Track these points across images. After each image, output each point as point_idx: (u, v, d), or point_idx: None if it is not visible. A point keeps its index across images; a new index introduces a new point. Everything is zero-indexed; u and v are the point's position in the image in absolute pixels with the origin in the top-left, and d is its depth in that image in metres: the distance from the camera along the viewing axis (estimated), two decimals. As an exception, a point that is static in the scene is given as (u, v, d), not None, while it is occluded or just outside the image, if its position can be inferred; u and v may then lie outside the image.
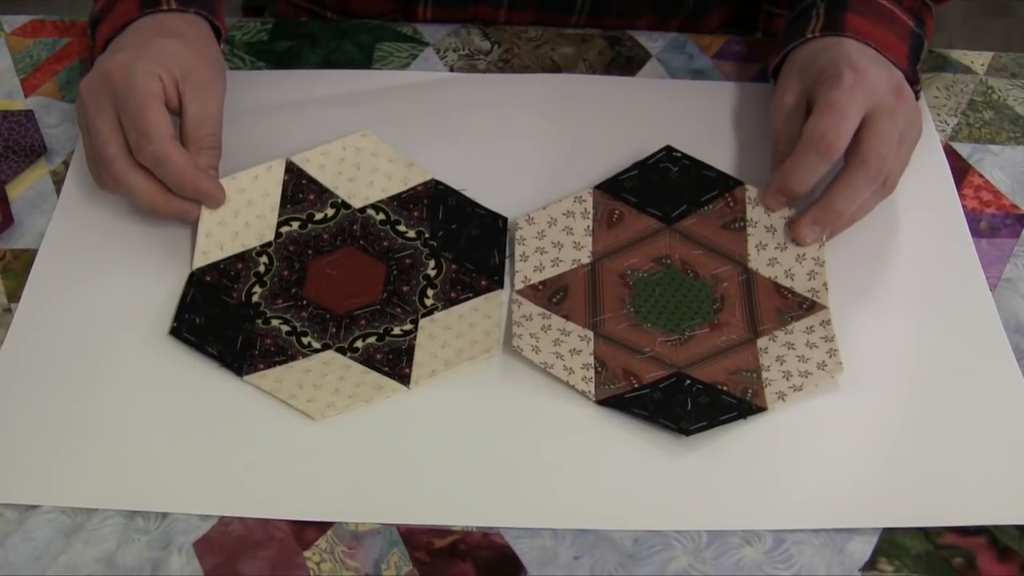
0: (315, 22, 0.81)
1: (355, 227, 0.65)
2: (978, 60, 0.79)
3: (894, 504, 0.56)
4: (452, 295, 0.63)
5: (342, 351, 0.61)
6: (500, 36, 0.79)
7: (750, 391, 0.59)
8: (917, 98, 0.67)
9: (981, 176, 0.72)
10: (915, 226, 0.68)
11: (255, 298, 0.63)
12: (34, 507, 0.55)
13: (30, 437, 0.57)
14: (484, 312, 0.62)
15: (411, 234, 0.65)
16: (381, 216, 0.66)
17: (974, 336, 0.63)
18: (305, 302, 0.62)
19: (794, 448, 0.58)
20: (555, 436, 0.58)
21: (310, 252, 0.65)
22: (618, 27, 0.81)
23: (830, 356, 0.60)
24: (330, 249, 0.65)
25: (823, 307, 0.62)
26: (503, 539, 0.55)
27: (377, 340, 0.61)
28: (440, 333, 0.61)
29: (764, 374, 0.60)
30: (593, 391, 0.59)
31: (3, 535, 0.54)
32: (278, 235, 0.65)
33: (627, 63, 0.78)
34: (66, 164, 0.70)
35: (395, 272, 0.64)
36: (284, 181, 0.67)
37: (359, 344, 0.61)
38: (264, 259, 0.64)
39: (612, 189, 0.67)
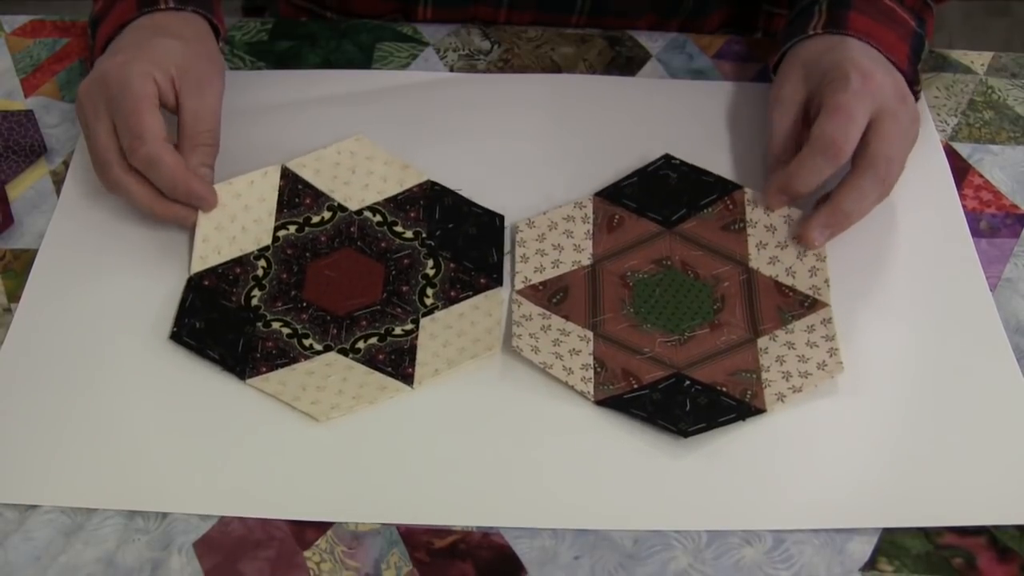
0: (315, 22, 0.81)
1: (352, 229, 0.65)
2: (978, 60, 0.79)
3: (894, 504, 0.56)
4: (452, 294, 0.63)
5: (344, 352, 0.61)
6: (500, 36, 0.79)
7: (749, 392, 0.59)
8: (917, 99, 0.67)
9: (981, 176, 0.72)
10: (915, 226, 0.68)
11: (254, 301, 0.63)
12: (34, 507, 0.55)
13: (30, 437, 0.57)
14: (484, 310, 0.62)
15: (408, 234, 0.65)
16: (378, 218, 0.66)
17: (974, 336, 0.63)
18: (305, 304, 0.62)
19: (794, 448, 0.58)
20: (555, 436, 0.58)
21: (308, 255, 0.65)
22: (618, 27, 0.81)
23: (830, 356, 0.60)
24: (328, 251, 0.65)
25: (825, 304, 0.62)
26: (503, 539, 0.55)
27: (379, 340, 0.61)
28: (441, 332, 0.61)
29: (764, 375, 0.60)
30: (592, 391, 0.59)
31: (3, 535, 0.54)
32: (275, 239, 0.65)
33: (627, 63, 0.78)
34: (66, 164, 0.70)
35: (394, 272, 0.64)
36: (280, 187, 0.67)
37: (361, 345, 0.61)
38: (262, 263, 0.64)
39: (612, 196, 0.67)
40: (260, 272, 0.64)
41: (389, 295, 0.63)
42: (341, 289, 0.63)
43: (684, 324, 0.62)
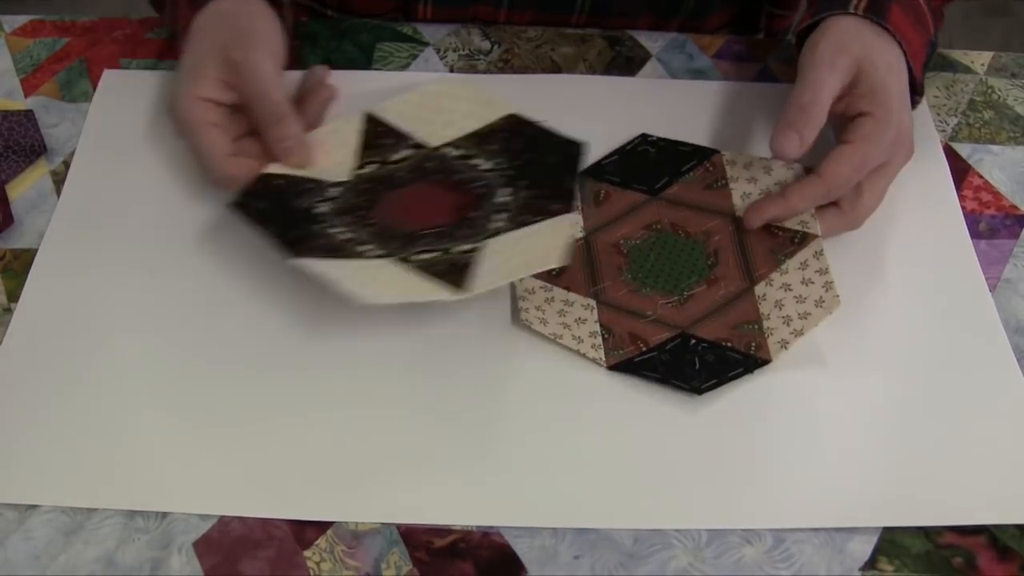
0: (315, 22, 0.80)
1: (430, 164, 0.65)
2: (978, 60, 0.79)
3: (894, 504, 0.56)
4: (522, 219, 0.62)
5: (401, 261, 0.60)
6: (500, 36, 0.79)
7: (753, 344, 0.60)
8: (915, 107, 0.67)
9: (981, 177, 0.72)
10: (915, 227, 0.68)
11: (318, 210, 0.62)
12: (34, 507, 0.55)
13: (30, 437, 0.57)
14: (553, 230, 0.61)
15: (487, 166, 0.65)
16: (459, 152, 0.66)
17: (974, 336, 0.63)
18: (370, 222, 0.62)
19: (794, 448, 0.58)
20: (554, 436, 0.58)
21: (383, 187, 0.65)
22: (618, 27, 0.81)
23: (826, 290, 0.61)
24: (404, 184, 0.65)
25: (815, 236, 0.63)
26: (503, 538, 0.55)
27: (440, 255, 0.60)
28: (504, 249, 0.60)
29: (765, 323, 0.61)
30: (603, 357, 0.60)
31: (3, 535, 0.54)
32: (355, 175, 0.65)
33: (627, 63, 0.78)
34: (66, 164, 0.70)
35: (467, 200, 0.64)
36: (363, 131, 0.67)
37: (417, 258, 0.60)
38: (336, 190, 0.64)
39: (595, 174, 0.69)
40: (332, 194, 0.63)
41: (459, 220, 0.63)
42: (410, 215, 0.63)
43: (682, 283, 0.63)
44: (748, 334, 0.61)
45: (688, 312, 0.62)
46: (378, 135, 0.67)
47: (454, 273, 0.59)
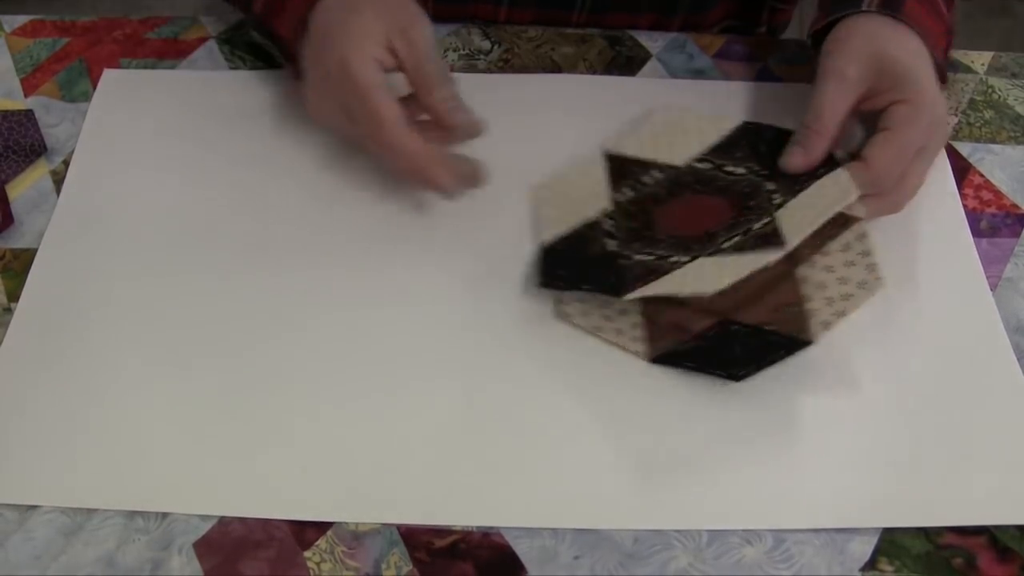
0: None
1: (685, 178, 0.67)
2: (978, 60, 0.79)
3: (894, 504, 0.56)
4: (796, 188, 0.64)
5: (710, 256, 0.61)
6: (500, 36, 0.79)
7: (795, 326, 0.60)
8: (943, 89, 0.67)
9: (981, 175, 0.72)
10: (916, 225, 0.68)
11: (610, 248, 0.64)
12: (34, 507, 0.55)
13: (30, 437, 0.57)
14: (831, 183, 0.62)
15: (740, 171, 0.67)
16: (707, 165, 0.68)
17: (974, 336, 0.63)
18: (661, 238, 0.64)
19: (795, 448, 0.58)
20: (555, 436, 0.58)
21: (651, 205, 0.66)
22: (619, 23, 0.81)
23: (869, 272, 0.60)
24: (668, 199, 0.66)
25: (856, 219, 0.63)
26: (503, 539, 0.55)
27: (742, 237, 0.62)
28: (797, 211, 0.62)
29: (807, 305, 0.60)
30: (644, 351, 0.60)
31: (3, 535, 0.54)
32: (615, 203, 0.67)
33: (627, 63, 0.78)
34: (66, 164, 0.70)
35: (738, 199, 0.65)
36: (608, 168, 0.69)
37: (727, 245, 0.62)
38: (610, 221, 0.65)
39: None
40: (609, 227, 0.65)
41: (739, 212, 0.64)
42: (691, 222, 0.64)
43: None
44: (790, 316, 0.60)
45: (730, 298, 0.61)
46: (623, 165, 0.69)
47: (766, 241, 0.61)
